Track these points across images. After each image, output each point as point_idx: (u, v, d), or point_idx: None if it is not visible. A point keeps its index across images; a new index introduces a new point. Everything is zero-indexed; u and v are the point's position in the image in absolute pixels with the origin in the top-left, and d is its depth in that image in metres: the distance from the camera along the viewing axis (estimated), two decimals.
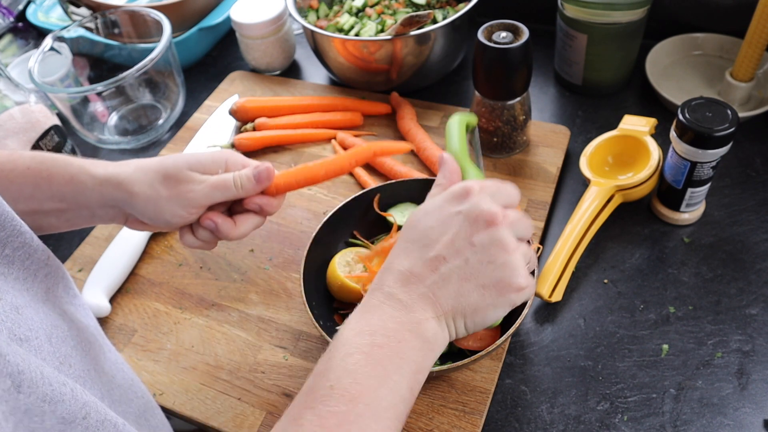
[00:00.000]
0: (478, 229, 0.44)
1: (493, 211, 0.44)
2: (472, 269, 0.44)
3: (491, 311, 0.44)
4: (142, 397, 0.51)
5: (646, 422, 0.58)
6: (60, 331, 0.43)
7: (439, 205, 0.46)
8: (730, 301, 0.65)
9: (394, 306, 0.43)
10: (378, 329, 0.42)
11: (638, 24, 0.81)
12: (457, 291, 0.43)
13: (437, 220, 0.45)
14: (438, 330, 0.43)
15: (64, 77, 0.94)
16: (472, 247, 0.44)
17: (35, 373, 0.31)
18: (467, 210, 0.45)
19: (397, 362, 0.41)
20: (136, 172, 0.55)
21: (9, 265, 0.42)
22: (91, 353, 0.46)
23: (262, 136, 0.87)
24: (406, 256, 0.45)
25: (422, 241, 0.45)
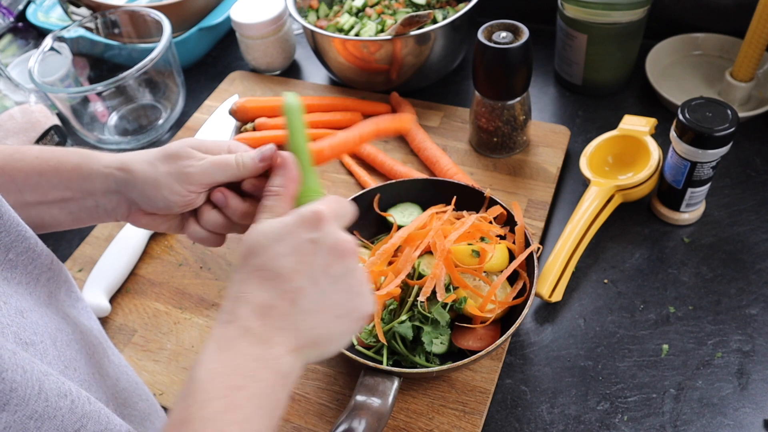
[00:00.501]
0: (333, 258, 0.43)
1: (346, 240, 0.43)
2: (330, 300, 0.43)
3: (343, 339, 0.44)
4: (146, 400, 0.51)
5: (646, 422, 0.58)
6: (64, 334, 0.43)
7: (289, 230, 0.43)
8: (730, 301, 0.65)
9: (250, 341, 0.41)
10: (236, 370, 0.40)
11: (638, 24, 0.81)
12: (314, 323, 0.42)
13: (290, 247, 0.42)
14: (294, 363, 0.42)
15: (64, 77, 0.94)
16: (329, 277, 0.42)
17: (32, 389, 0.31)
18: (321, 239, 0.43)
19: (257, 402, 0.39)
20: (139, 153, 0.54)
21: (12, 269, 0.42)
22: (95, 357, 0.46)
23: (262, 136, 0.87)
24: (259, 286, 0.42)
25: (276, 269, 0.42)
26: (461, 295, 0.60)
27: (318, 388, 0.63)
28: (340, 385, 0.63)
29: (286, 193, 0.48)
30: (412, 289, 0.61)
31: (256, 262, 0.43)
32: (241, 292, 0.42)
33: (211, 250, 0.77)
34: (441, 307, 0.59)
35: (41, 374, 0.32)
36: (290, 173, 0.48)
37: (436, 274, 0.59)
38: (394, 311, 0.61)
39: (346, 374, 0.64)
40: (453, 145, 0.84)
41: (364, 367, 0.56)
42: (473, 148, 0.83)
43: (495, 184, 0.78)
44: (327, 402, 0.62)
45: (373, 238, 0.70)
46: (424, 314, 0.59)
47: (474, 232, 0.64)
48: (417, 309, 0.59)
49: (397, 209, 0.70)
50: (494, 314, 0.60)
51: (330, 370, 0.64)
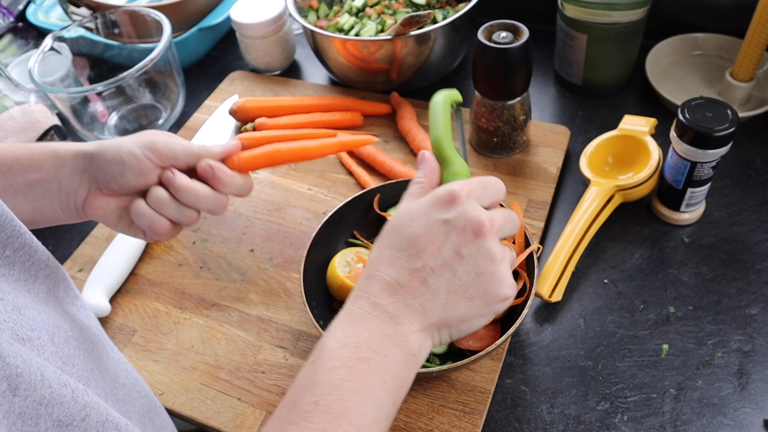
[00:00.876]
0: (466, 239, 0.43)
1: (481, 219, 0.43)
2: (460, 281, 0.43)
3: (476, 321, 0.44)
4: (146, 397, 0.51)
5: (646, 422, 0.58)
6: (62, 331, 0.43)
7: (424, 210, 0.44)
8: (730, 301, 0.65)
9: (380, 317, 0.42)
10: (363, 342, 0.41)
11: (638, 24, 0.81)
12: (445, 303, 0.43)
13: (423, 227, 0.44)
14: (423, 342, 0.42)
15: (64, 77, 0.94)
16: (461, 258, 0.43)
17: (35, 375, 0.31)
18: (454, 218, 0.43)
19: (382, 377, 0.40)
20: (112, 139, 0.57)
21: (10, 266, 0.42)
22: (94, 353, 0.46)
23: (262, 136, 0.87)
24: (391, 264, 0.43)
25: (408, 249, 0.43)
26: None
27: None
28: None
29: (429, 183, 0.49)
30: None
31: (391, 240, 0.44)
32: (373, 269, 0.44)
33: (211, 249, 0.77)
34: None
35: (39, 364, 0.32)
36: (430, 164, 0.50)
37: None
38: None
39: None
40: None
41: None
42: (473, 148, 0.83)
43: None
44: None
45: (373, 238, 0.70)
46: None
47: None
48: None
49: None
50: None
51: None
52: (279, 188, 0.83)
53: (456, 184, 0.45)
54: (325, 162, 0.85)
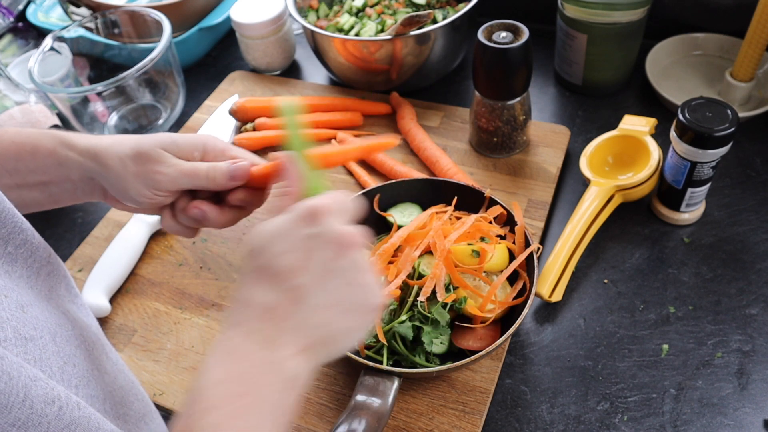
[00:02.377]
0: (333, 254, 0.41)
1: (347, 232, 0.42)
2: (335, 296, 0.41)
3: (353, 335, 0.43)
4: (142, 400, 0.51)
5: (646, 422, 0.58)
6: (64, 330, 0.43)
7: (286, 227, 0.42)
8: (730, 301, 0.65)
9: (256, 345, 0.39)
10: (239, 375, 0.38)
11: (638, 24, 0.81)
12: (320, 321, 0.41)
13: (288, 244, 0.41)
14: (302, 366, 0.40)
15: (64, 77, 0.94)
16: (332, 272, 0.41)
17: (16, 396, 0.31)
18: (320, 233, 0.41)
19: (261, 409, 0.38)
20: (112, 145, 0.53)
21: (13, 263, 0.41)
22: (94, 353, 0.46)
23: (262, 136, 0.87)
24: (259, 287, 0.41)
25: (275, 268, 0.41)
26: (461, 295, 0.60)
27: (318, 388, 0.63)
28: (340, 385, 0.63)
29: (291, 192, 0.46)
30: (412, 289, 0.61)
31: (257, 262, 0.42)
32: (243, 295, 0.41)
33: (211, 249, 0.77)
34: (441, 307, 0.59)
35: (28, 380, 0.32)
36: (293, 172, 0.47)
37: (436, 274, 0.59)
38: (394, 311, 0.61)
39: (346, 374, 0.64)
40: (453, 145, 0.84)
41: (364, 367, 0.56)
42: (473, 148, 0.83)
43: (495, 184, 0.78)
44: (327, 402, 0.62)
45: (374, 238, 0.70)
46: (424, 314, 0.59)
47: (474, 232, 0.64)
48: (417, 309, 0.59)
49: (397, 209, 0.70)
50: (494, 314, 0.60)
51: (330, 370, 0.64)
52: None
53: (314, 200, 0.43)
54: None
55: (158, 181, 0.53)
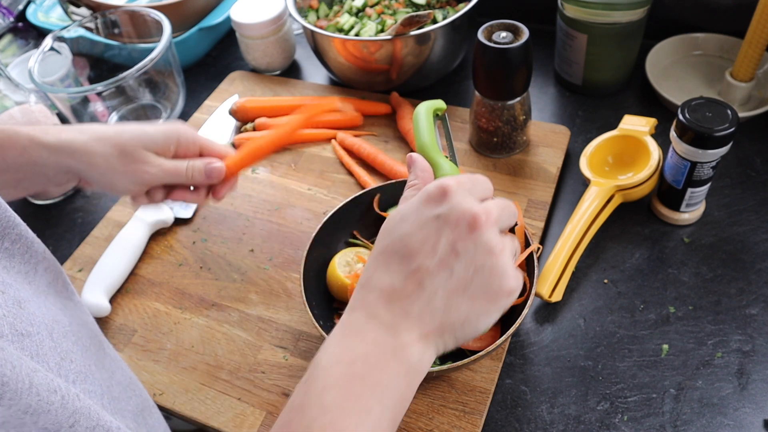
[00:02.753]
0: (461, 234, 0.39)
1: (475, 211, 0.40)
2: (459, 280, 0.39)
3: (482, 320, 0.41)
4: (140, 396, 0.51)
5: (646, 422, 0.58)
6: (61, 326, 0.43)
7: (415, 208, 0.41)
8: (730, 301, 0.65)
9: (377, 328, 0.39)
10: (359, 357, 0.38)
11: (638, 24, 0.81)
12: (444, 306, 0.39)
13: (415, 226, 0.40)
14: (424, 352, 0.39)
15: (64, 77, 0.94)
16: (457, 255, 0.39)
17: (23, 382, 0.31)
18: (446, 213, 0.40)
19: (379, 394, 0.38)
20: (92, 141, 0.56)
21: (10, 258, 0.41)
22: (92, 349, 0.46)
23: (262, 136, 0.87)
24: (385, 270, 0.40)
25: (401, 251, 0.40)
26: None
27: None
28: None
29: (423, 183, 0.46)
30: None
31: (383, 244, 0.42)
32: (368, 277, 0.41)
33: (211, 249, 0.77)
34: None
35: (30, 370, 0.32)
36: (420, 164, 0.48)
37: None
38: None
39: None
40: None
41: None
42: (473, 148, 0.83)
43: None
44: None
45: (373, 238, 0.70)
46: None
47: None
48: None
49: None
50: None
51: None
52: (279, 188, 0.83)
53: (445, 178, 0.42)
54: (325, 162, 0.85)
55: (145, 179, 0.59)
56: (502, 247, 0.41)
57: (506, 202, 0.43)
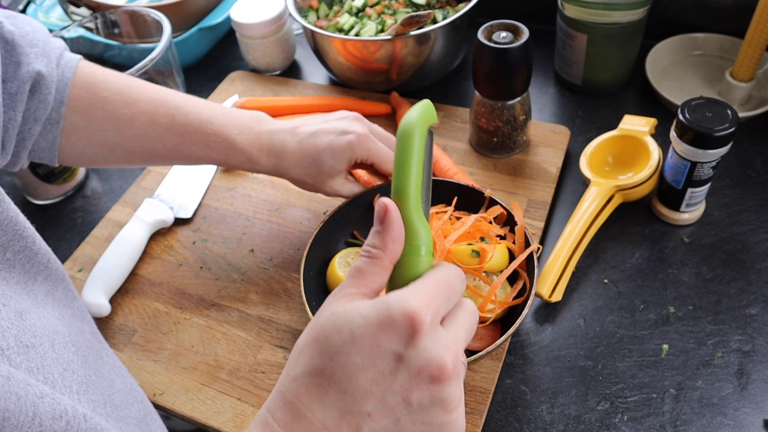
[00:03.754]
0: (419, 384, 0.33)
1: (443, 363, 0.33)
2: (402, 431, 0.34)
3: None
4: (141, 402, 0.51)
5: (646, 422, 0.58)
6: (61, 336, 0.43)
7: (371, 333, 0.34)
8: (730, 301, 0.65)
9: None
10: None
11: (638, 24, 0.81)
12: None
13: (367, 359, 0.33)
14: None
15: None
16: (408, 406, 0.34)
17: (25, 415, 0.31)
18: (410, 357, 0.33)
19: None
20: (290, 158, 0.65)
21: (10, 269, 0.41)
22: (90, 358, 0.46)
23: None
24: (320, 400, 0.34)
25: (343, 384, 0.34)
26: None
27: None
28: None
29: (385, 257, 0.36)
30: None
31: (323, 364, 0.34)
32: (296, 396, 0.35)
33: (211, 249, 0.77)
34: None
35: (36, 397, 0.32)
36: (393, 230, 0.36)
37: None
38: None
39: None
40: (453, 145, 0.84)
41: None
42: (473, 148, 0.83)
43: (495, 184, 0.78)
44: None
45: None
46: None
47: (474, 233, 0.64)
48: None
49: None
50: (494, 314, 0.60)
51: None
52: (279, 188, 0.83)
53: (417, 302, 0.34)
54: None
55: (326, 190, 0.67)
56: (459, 401, 0.35)
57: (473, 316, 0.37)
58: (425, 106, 0.38)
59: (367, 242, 0.37)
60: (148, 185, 0.86)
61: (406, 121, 0.38)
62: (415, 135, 0.37)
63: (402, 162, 0.37)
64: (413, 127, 0.37)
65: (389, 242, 0.36)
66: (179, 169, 0.86)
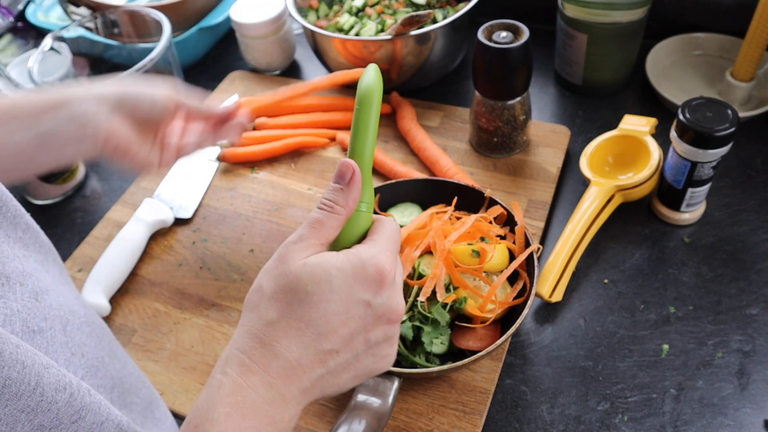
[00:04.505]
0: (377, 325, 0.40)
1: (400, 309, 0.41)
2: (357, 362, 0.40)
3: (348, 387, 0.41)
4: (148, 387, 0.52)
5: (646, 422, 0.58)
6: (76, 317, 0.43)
7: (347, 284, 0.39)
8: (730, 301, 0.65)
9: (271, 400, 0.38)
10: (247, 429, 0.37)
11: (638, 24, 0.81)
12: (333, 381, 0.40)
13: (342, 306, 0.38)
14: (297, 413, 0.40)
15: (64, 77, 0.94)
16: (366, 343, 0.40)
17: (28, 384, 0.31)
18: (377, 304, 0.39)
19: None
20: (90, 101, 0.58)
21: (26, 247, 0.42)
22: (105, 339, 0.46)
23: (261, 136, 0.87)
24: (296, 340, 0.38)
25: (319, 327, 0.38)
26: (461, 295, 0.60)
27: None
28: None
29: (343, 213, 0.41)
30: (412, 289, 0.61)
31: (300, 311, 0.38)
32: (273, 339, 0.38)
33: (211, 249, 0.77)
34: (441, 307, 0.59)
35: (41, 367, 0.32)
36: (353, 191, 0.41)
37: (436, 274, 0.59)
38: None
39: None
40: (453, 145, 0.84)
41: None
42: (473, 148, 0.83)
43: (495, 184, 0.78)
44: (327, 402, 0.62)
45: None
46: (424, 314, 0.59)
47: (474, 232, 0.63)
48: (417, 309, 0.59)
49: (397, 209, 0.70)
50: (494, 314, 0.59)
51: None
52: (279, 188, 0.83)
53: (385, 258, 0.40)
54: (325, 162, 0.85)
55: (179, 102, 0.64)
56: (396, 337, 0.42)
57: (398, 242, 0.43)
58: (377, 69, 0.41)
59: (328, 197, 0.41)
60: (148, 185, 0.86)
61: (365, 86, 0.40)
62: (373, 99, 0.40)
63: (361, 125, 0.40)
64: (372, 92, 0.40)
65: (350, 201, 0.41)
66: (179, 169, 0.86)
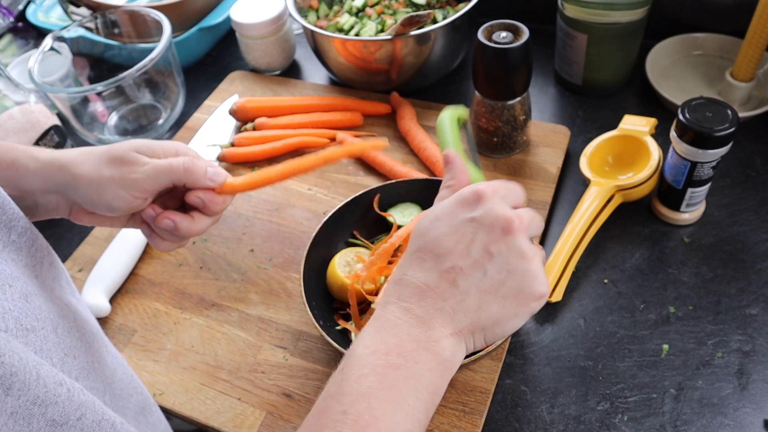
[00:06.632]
0: (494, 237, 0.41)
1: (509, 216, 0.41)
2: (492, 281, 0.41)
3: (512, 322, 0.42)
4: (141, 394, 0.51)
5: (646, 422, 0.58)
6: (66, 321, 0.43)
7: (449, 210, 0.43)
8: (730, 301, 0.65)
9: (410, 322, 0.40)
10: (393, 348, 0.39)
11: (638, 24, 0.81)
12: (476, 305, 0.41)
13: (450, 227, 0.42)
14: (456, 348, 0.41)
15: (64, 77, 0.94)
16: (490, 256, 0.41)
17: (30, 374, 0.31)
18: (481, 217, 0.41)
19: (413, 384, 0.39)
20: (81, 155, 0.52)
21: (18, 251, 0.42)
22: (95, 345, 0.46)
23: (262, 136, 0.87)
24: (419, 267, 0.42)
25: (435, 250, 0.42)
26: None
27: (318, 388, 0.63)
28: None
29: (458, 184, 0.47)
30: None
31: (418, 243, 0.43)
32: (402, 273, 0.43)
33: (211, 249, 0.77)
34: None
35: (36, 362, 0.32)
36: (457, 165, 0.48)
37: None
38: None
39: None
40: None
41: None
42: None
43: None
44: None
45: (373, 238, 0.70)
46: None
47: None
48: None
49: (397, 209, 0.70)
50: None
51: (330, 370, 0.64)
52: (279, 188, 0.83)
53: (480, 183, 0.43)
54: None
55: (135, 180, 0.51)
56: (534, 253, 0.42)
57: (535, 213, 0.44)
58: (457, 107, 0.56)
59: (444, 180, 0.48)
60: None
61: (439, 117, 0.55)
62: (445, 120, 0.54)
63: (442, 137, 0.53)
64: (443, 116, 0.54)
65: (458, 172, 0.47)
66: None
